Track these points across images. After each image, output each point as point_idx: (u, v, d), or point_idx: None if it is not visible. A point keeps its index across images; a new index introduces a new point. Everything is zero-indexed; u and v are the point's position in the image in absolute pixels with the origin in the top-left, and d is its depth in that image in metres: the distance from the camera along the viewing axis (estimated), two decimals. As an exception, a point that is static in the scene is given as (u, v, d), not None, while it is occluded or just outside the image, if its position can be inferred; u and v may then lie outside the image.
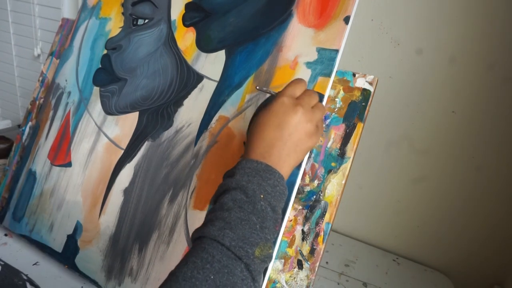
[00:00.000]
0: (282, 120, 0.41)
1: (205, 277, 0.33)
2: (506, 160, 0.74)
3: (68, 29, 0.81)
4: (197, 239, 0.37)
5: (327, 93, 0.50)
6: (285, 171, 0.42)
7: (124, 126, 0.65)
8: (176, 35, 0.63)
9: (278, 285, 0.53)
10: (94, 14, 0.74)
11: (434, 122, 0.78)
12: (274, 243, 0.49)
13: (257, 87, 0.49)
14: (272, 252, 0.38)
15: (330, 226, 0.52)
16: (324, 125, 0.54)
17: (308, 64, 0.52)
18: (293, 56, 0.53)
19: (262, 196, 0.38)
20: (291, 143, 0.42)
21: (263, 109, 0.44)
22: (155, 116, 0.63)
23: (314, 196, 0.53)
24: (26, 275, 0.43)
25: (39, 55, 1.16)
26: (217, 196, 0.41)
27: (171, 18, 0.64)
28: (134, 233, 0.60)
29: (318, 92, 0.49)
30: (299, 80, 0.45)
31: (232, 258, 0.34)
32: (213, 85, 0.58)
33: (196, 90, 0.60)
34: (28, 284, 0.41)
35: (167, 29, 0.64)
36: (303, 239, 0.53)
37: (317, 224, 0.53)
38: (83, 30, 0.75)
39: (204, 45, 0.61)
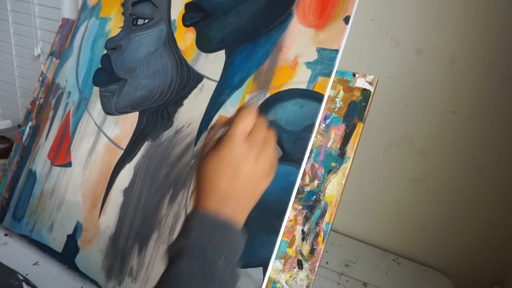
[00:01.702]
0: (235, 169, 0.38)
1: None
2: (506, 160, 0.74)
3: (68, 29, 0.81)
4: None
5: (327, 93, 0.50)
6: (242, 219, 0.39)
7: (124, 126, 0.65)
8: (176, 35, 0.63)
9: (278, 285, 0.53)
10: (94, 14, 0.74)
11: (434, 122, 0.78)
12: (269, 243, 0.48)
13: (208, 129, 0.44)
14: None
15: (330, 226, 0.52)
16: (323, 126, 0.54)
17: (308, 64, 0.52)
18: (293, 56, 0.53)
19: (222, 257, 0.36)
20: (248, 191, 0.39)
21: (211, 151, 0.40)
22: (155, 116, 0.63)
23: (314, 196, 0.53)
24: (22, 276, 0.43)
25: (39, 55, 1.16)
26: (170, 257, 0.38)
27: (171, 18, 0.64)
28: (134, 233, 0.60)
29: (317, 92, 0.49)
30: (247, 111, 0.41)
31: None
32: (213, 85, 0.58)
33: (196, 90, 0.60)
34: (24, 284, 0.41)
35: (167, 29, 0.64)
36: (303, 239, 0.53)
37: (317, 224, 0.53)
38: (83, 30, 0.75)
39: (204, 45, 0.61)
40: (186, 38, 0.62)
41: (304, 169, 0.53)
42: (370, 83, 0.53)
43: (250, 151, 0.39)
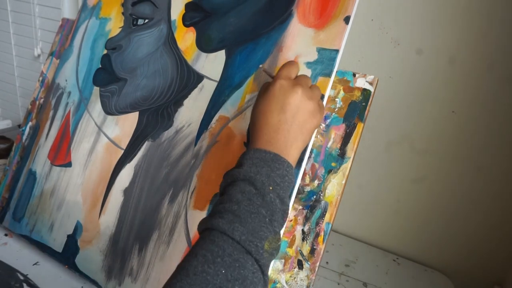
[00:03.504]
0: (283, 103, 0.41)
1: (216, 271, 0.32)
2: (506, 160, 0.74)
3: (68, 29, 0.81)
4: (205, 230, 0.37)
5: (327, 93, 0.50)
6: (293, 156, 0.41)
7: (124, 126, 0.65)
8: (176, 35, 0.63)
9: (278, 285, 0.53)
10: (94, 14, 0.74)
11: (434, 122, 0.78)
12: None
13: (260, 66, 0.47)
14: (280, 244, 0.38)
15: (330, 226, 0.52)
16: (324, 126, 0.54)
17: (308, 64, 0.52)
18: (293, 56, 0.53)
19: (271, 188, 0.38)
20: (296, 125, 0.41)
21: (261, 95, 0.43)
22: (155, 116, 0.63)
23: (314, 196, 0.53)
24: (23, 275, 0.43)
25: (39, 55, 1.17)
26: (224, 187, 0.40)
27: (171, 18, 0.64)
28: (134, 233, 0.60)
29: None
30: (292, 62, 0.45)
31: (242, 252, 0.34)
32: (213, 85, 0.58)
33: (196, 90, 0.60)
34: (25, 285, 0.41)
35: (167, 29, 0.64)
36: (303, 239, 0.53)
37: (317, 224, 0.53)
38: (83, 30, 0.75)
39: (204, 45, 0.61)
40: (186, 38, 0.62)
41: (304, 169, 0.53)
42: (370, 83, 0.53)
43: (296, 87, 0.41)
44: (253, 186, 0.37)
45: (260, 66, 0.47)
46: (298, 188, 0.52)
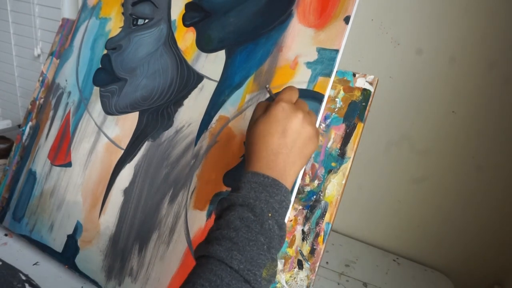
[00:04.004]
0: (285, 127, 0.40)
1: None
2: (507, 160, 0.74)
3: (68, 29, 0.81)
4: (202, 257, 0.36)
5: (327, 93, 0.50)
6: (290, 180, 0.41)
7: (124, 126, 0.65)
8: (176, 35, 0.63)
9: (278, 285, 0.53)
10: (94, 14, 0.74)
11: (434, 122, 0.78)
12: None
13: (267, 87, 0.47)
14: (277, 270, 0.38)
15: (330, 226, 0.52)
16: (324, 126, 0.54)
17: (308, 64, 0.52)
18: (293, 56, 0.53)
19: (270, 214, 0.37)
20: (296, 150, 0.41)
21: (262, 116, 0.42)
22: (155, 116, 0.63)
23: (314, 196, 0.53)
24: (25, 275, 0.43)
25: (39, 55, 1.16)
26: (221, 210, 0.39)
27: (171, 18, 0.64)
28: (134, 233, 0.60)
29: (318, 92, 0.49)
30: (292, 87, 0.45)
31: (241, 281, 0.34)
32: (213, 85, 0.58)
33: (196, 90, 0.60)
34: (27, 285, 0.41)
35: (167, 29, 0.64)
36: (303, 239, 0.53)
37: (317, 224, 0.53)
38: (83, 30, 0.75)
39: (204, 45, 0.61)
40: (186, 38, 0.62)
41: (304, 169, 0.53)
42: (370, 83, 0.53)
43: (297, 112, 0.41)
44: (252, 213, 0.37)
45: (267, 86, 0.47)
46: (298, 188, 0.52)
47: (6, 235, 0.74)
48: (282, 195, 0.39)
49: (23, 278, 0.42)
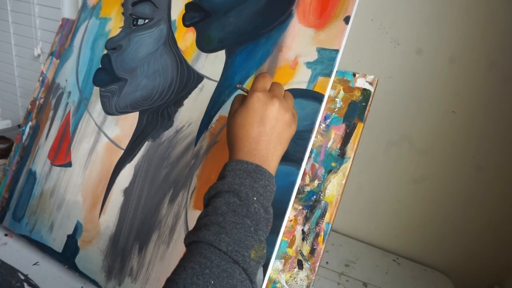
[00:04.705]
0: (262, 115, 0.42)
1: (206, 282, 0.33)
2: (507, 160, 0.74)
3: (68, 29, 0.81)
4: (192, 243, 0.37)
5: (327, 93, 0.50)
6: (273, 165, 0.42)
7: (124, 126, 0.65)
8: (176, 35, 0.63)
9: (278, 285, 0.53)
10: (94, 14, 0.74)
11: (434, 122, 0.78)
12: (269, 243, 0.49)
13: (237, 85, 0.49)
14: (266, 252, 0.39)
15: (330, 226, 0.52)
16: (324, 126, 0.54)
17: (308, 64, 0.52)
18: (293, 56, 0.53)
19: (255, 198, 0.39)
20: (275, 136, 0.42)
21: (239, 108, 0.44)
22: (155, 116, 0.63)
23: (314, 196, 0.53)
24: (24, 275, 0.43)
25: (39, 55, 1.16)
26: (208, 199, 0.41)
27: (171, 18, 0.64)
28: (134, 233, 0.60)
29: (318, 92, 0.49)
30: (264, 74, 0.46)
31: (230, 262, 0.35)
32: (213, 85, 0.58)
33: (196, 90, 0.60)
34: (25, 285, 0.41)
35: (167, 29, 0.64)
36: (303, 239, 0.53)
37: (317, 224, 0.53)
38: (83, 30, 0.75)
39: (204, 45, 0.61)
40: (186, 38, 0.62)
41: (304, 169, 0.53)
42: (370, 83, 0.53)
43: (273, 99, 0.43)
44: (238, 198, 0.38)
45: (237, 85, 0.48)
46: (298, 188, 0.52)
47: (6, 235, 0.74)
48: (266, 179, 0.40)
49: (22, 277, 0.42)
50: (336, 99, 0.54)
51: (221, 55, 0.59)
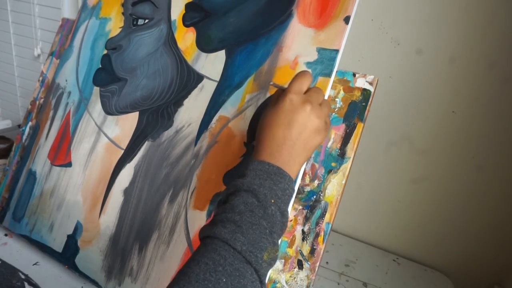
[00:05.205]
0: (291, 119, 0.41)
1: (218, 279, 0.33)
2: (507, 160, 0.74)
3: (68, 29, 0.81)
4: (207, 237, 0.37)
5: (327, 93, 0.50)
6: (294, 171, 0.42)
7: (124, 126, 0.65)
8: (176, 35, 0.63)
9: (278, 285, 0.53)
10: (94, 14, 0.74)
11: (434, 122, 0.78)
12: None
13: (271, 83, 0.48)
14: (278, 255, 0.39)
15: (330, 226, 0.52)
16: (324, 125, 0.54)
17: (308, 64, 0.52)
18: (293, 56, 0.53)
19: (273, 200, 0.39)
20: (301, 142, 0.42)
21: (271, 107, 0.43)
22: (155, 116, 0.63)
23: (314, 196, 0.53)
24: (25, 274, 0.43)
25: (39, 55, 1.16)
26: (227, 195, 0.41)
27: (171, 18, 0.64)
28: (134, 233, 0.60)
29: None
30: (304, 73, 0.45)
31: (243, 261, 0.35)
32: (213, 85, 0.58)
33: (196, 90, 0.60)
34: (26, 284, 0.41)
35: (167, 29, 0.64)
36: (303, 239, 0.53)
37: (317, 224, 0.53)
38: (83, 30, 0.75)
39: (204, 45, 0.61)
40: (186, 38, 0.62)
41: (304, 169, 0.53)
42: (370, 83, 0.53)
43: (305, 104, 0.42)
44: (256, 198, 0.38)
45: (271, 83, 0.47)
46: (298, 188, 0.52)
47: (6, 235, 0.74)
48: (286, 183, 0.40)
49: (22, 277, 0.42)
50: (336, 99, 0.54)
51: (221, 55, 0.59)
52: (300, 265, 0.53)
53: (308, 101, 0.42)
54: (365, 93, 0.53)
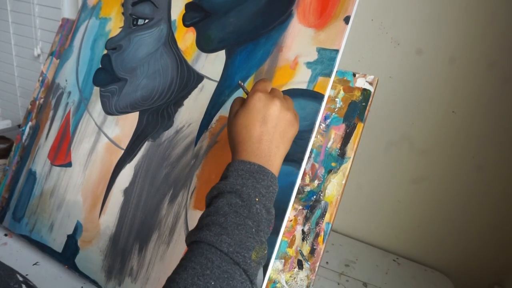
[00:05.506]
0: (264, 114, 0.42)
1: (206, 283, 0.33)
2: (507, 160, 0.74)
3: (68, 29, 0.81)
4: (193, 243, 0.37)
5: (327, 93, 0.50)
6: (276, 166, 0.42)
7: (124, 126, 0.65)
8: (176, 35, 0.63)
9: (278, 285, 0.53)
10: (94, 14, 0.74)
11: (434, 122, 0.78)
12: (269, 243, 0.49)
13: (239, 82, 0.48)
14: (267, 253, 0.39)
15: (330, 226, 0.52)
16: (324, 126, 0.54)
17: (308, 64, 0.52)
18: (293, 56, 0.53)
19: (257, 199, 0.39)
20: (278, 135, 0.42)
21: (241, 108, 0.44)
22: (155, 116, 0.63)
23: (314, 196, 0.53)
24: (23, 276, 0.43)
25: (39, 55, 1.16)
26: (211, 198, 0.41)
27: (171, 18, 0.64)
28: (134, 233, 0.60)
29: (318, 92, 0.49)
30: (264, 79, 0.47)
31: (230, 263, 0.35)
32: (214, 85, 0.58)
33: (196, 90, 0.60)
34: (24, 286, 0.41)
35: (167, 29, 0.64)
36: (303, 239, 0.53)
37: (317, 224, 0.53)
38: (83, 30, 0.75)
39: (204, 45, 0.61)
40: (186, 38, 0.62)
41: (304, 169, 0.53)
42: (370, 83, 0.53)
43: (274, 99, 0.43)
44: (240, 198, 0.38)
45: (239, 82, 0.48)
46: (298, 188, 0.52)
47: (6, 235, 0.74)
48: (269, 180, 0.40)
49: (21, 279, 0.42)
50: (336, 99, 0.54)
51: (221, 55, 0.59)
52: (300, 265, 0.53)
53: (276, 96, 0.43)
54: (365, 93, 0.53)
